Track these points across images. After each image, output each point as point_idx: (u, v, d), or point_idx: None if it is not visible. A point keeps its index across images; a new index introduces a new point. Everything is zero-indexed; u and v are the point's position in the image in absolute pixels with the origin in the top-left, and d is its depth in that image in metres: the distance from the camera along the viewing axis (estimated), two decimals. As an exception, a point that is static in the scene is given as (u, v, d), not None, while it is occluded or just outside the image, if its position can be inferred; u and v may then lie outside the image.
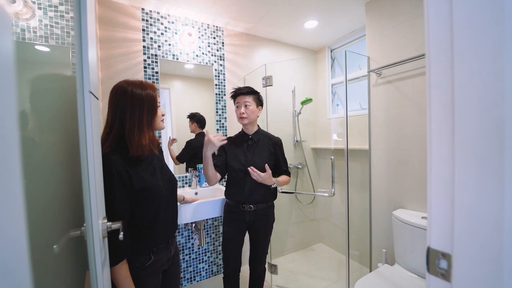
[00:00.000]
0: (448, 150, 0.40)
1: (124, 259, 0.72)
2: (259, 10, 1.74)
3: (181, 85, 1.83)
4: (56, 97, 0.85)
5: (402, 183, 1.50)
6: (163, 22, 1.71)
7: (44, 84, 0.84)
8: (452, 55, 0.38)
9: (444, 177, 0.40)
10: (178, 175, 1.78)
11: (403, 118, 1.49)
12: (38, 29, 1.07)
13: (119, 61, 1.57)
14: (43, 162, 0.68)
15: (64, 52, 1.13)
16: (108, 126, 0.76)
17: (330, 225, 2.41)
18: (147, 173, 0.79)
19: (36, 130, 0.72)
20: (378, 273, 1.32)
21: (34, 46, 1.05)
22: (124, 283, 0.71)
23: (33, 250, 0.53)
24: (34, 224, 0.56)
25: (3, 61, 0.28)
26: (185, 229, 1.79)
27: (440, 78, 0.40)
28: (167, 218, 0.84)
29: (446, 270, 0.41)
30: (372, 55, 1.66)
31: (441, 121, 0.40)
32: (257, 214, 1.30)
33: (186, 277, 1.82)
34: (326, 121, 2.41)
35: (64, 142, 0.76)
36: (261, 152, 1.33)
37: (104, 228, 0.62)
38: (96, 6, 1.46)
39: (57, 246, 0.54)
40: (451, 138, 0.39)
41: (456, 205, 0.39)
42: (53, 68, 1.03)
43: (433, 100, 0.41)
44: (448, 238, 0.40)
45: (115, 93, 0.78)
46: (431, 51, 0.41)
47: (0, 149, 0.26)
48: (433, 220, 0.43)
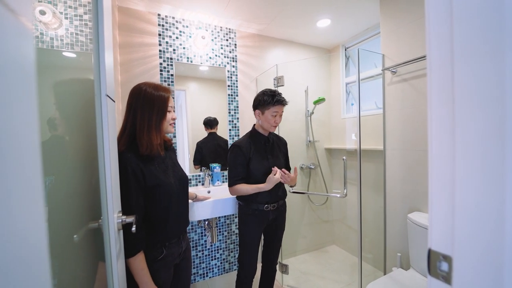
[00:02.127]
0: (448, 151, 0.39)
1: (140, 251, 0.76)
2: (271, 11, 1.75)
3: (196, 87, 1.89)
4: (81, 99, 0.93)
5: (418, 185, 1.45)
6: (178, 26, 1.78)
7: (70, 87, 0.92)
8: (452, 54, 0.37)
9: (444, 178, 0.40)
10: (192, 174, 1.84)
11: (419, 117, 1.43)
12: (64, 37, 1.16)
13: (137, 65, 1.65)
14: (67, 159, 0.75)
15: (87, 58, 1.21)
16: (123, 125, 0.82)
17: (344, 227, 2.37)
18: (159, 171, 0.84)
19: (63, 130, 0.79)
20: (391, 277, 1.28)
21: (61, 53, 1.15)
22: (141, 274, 0.75)
23: (56, 238, 0.58)
24: (58, 215, 0.62)
25: (26, 67, 0.32)
26: (198, 226, 1.85)
27: (441, 77, 0.39)
28: (178, 214, 0.89)
29: (447, 272, 0.40)
30: (387, 53, 1.61)
31: (441, 121, 0.40)
32: (278, 210, 1.34)
33: (199, 273, 1.88)
34: (340, 121, 2.37)
35: (85, 142, 0.82)
36: (278, 153, 1.37)
37: (119, 221, 0.66)
38: (116, 14, 1.55)
39: (77, 236, 0.59)
40: (452, 138, 0.38)
41: (457, 207, 0.38)
42: (78, 73, 1.11)
43: (433, 99, 0.41)
44: (449, 240, 0.40)
45: (132, 94, 0.83)
46: (432, 49, 0.41)
47: (24, 148, 0.30)
48: (433, 222, 0.42)
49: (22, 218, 0.27)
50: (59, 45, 1.16)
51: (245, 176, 1.27)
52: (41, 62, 0.88)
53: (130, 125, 0.81)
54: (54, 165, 0.66)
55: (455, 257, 0.39)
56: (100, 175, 0.60)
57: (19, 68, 0.29)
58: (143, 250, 0.78)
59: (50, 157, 0.66)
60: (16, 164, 0.28)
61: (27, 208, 0.29)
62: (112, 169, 0.64)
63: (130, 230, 0.69)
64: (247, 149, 1.27)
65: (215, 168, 1.85)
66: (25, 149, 0.29)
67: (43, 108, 0.70)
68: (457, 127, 0.38)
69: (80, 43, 1.21)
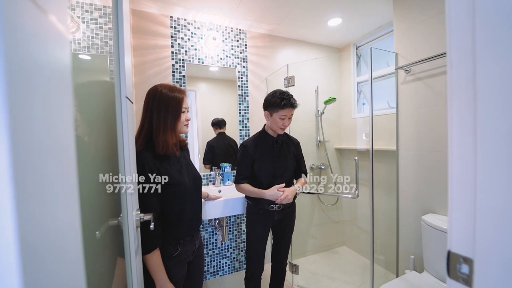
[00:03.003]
0: (470, 152, 0.38)
1: (156, 248, 0.79)
2: (282, 11, 1.75)
3: (206, 87, 1.92)
4: (96, 100, 0.96)
5: (433, 186, 1.41)
6: (190, 28, 1.81)
7: (87, 89, 0.95)
8: (474, 50, 0.37)
9: (465, 179, 0.39)
10: (203, 173, 1.87)
11: (434, 117, 1.40)
12: (81, 40, 1.21)
13: (150, 66, 1.69)
14: (88, 159, 0.78)
15: (103, 60, 1.25)
16: (140, 126, 0.84)
17: (355, 228, 2.34)
18: (175, 170, 0.86)
19: (83, 130, 0.82)
20: (404, 279, 1.26)
21: (78, 56, 1.19)
22: (157, 270, 0.78)
23: (82, 234, 0.61)
24: (82, 212, 0.64)
25: (63, 71, 0.34)
26: (209, 225, 1.87)
27: (461, 74, 0.39)
28: (192, 212, 0.90)
29: (468, 275, 0.40)
30: (400, 51, 1.58)
31: (462, 121, 0.39)
32: (285, 212, 1.33)
33: (210, 271, 1.90)
34: (351, 121, 2.34)
35: (104, 142, 0.85)
36: (286, 155, 1.33)
37: (137, 218, 0.69)
38: (130, 17, 1.59)
39: (99, 232, 0.61)
40: (473, 138, 0.38)
41: (478, 209, 0.38)
42: (94, 75, 1.15)
43: (453, 98, 0.40)
44: (470, 242, 0.39)
45: (148, 95, 0.86)
46: (452, 45, 0.40)
47: (62, 149, 0.32)
48: (453, 223, 0.42)
49: (59, 214, 0.29)
50: (77, 48, 1.21)
51: (250, 175, 1.29)
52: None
53: (147, 126, 0.83)
54: (78, 165, 0.69)
55: (477, 260, 0.38)
56: (120, 172, 0.62)
57: (57, 70, 0.31)
58: (160, 248, 0.81)
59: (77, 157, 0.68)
60: (56, 161, 0.29)
61: (63, 203, 0.30)
62: (131, 167, 0.66)
63: (147, 228, 0.71)
64: (253, 149, 1.28)
65: (225, 167, 1.87)
66: (63, 146, 0.31)
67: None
68: (479, 127, 0.37)
69: (95, 46, 1.25)
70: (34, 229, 0.24)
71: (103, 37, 1.27)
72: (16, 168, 0.21)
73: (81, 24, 1.26)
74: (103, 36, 1.27)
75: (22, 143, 0.23)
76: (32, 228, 0.24)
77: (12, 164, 0.20)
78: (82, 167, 0.69)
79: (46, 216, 0.27)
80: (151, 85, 0.92)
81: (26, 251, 0.22)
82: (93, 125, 0.86)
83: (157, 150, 0.82)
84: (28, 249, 0.22)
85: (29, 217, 0.23)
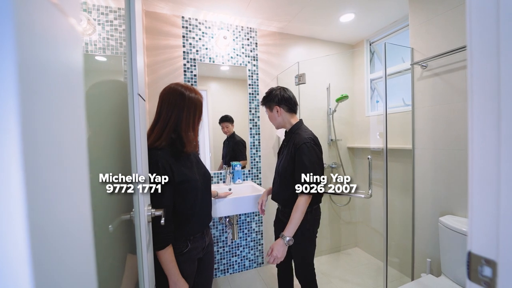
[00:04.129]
0: (493, 149, 0.36)
1: (169, 244, 0.80)
2: (292, 8, 1.73)
3: (217, 86, 1.93)
4: (111, 99, 0.99)
5: (451, 186, 1.35)
6: (201, 27, 1.82)
7: (103, 88, 0.98)
8: (498, 41, 0.34)
9: (488, 178, 0.37)
10: (214, 172, 1.89)
11: (452, 113, 1.33)
12: (97, 42, 1.25)
13: (162, 66, 1.73)
14: (102, 155, 0.80)
15: (118, 61, 1.29)
16: (154, 123, 0.86)
17: (368, 229, 2.28)
18: (186, 167, 0.87)
19: (98, 128, 0.85)
20: (419, 283, 1.21)
21: (95, 57, 1.23)
22: (170, 266, 0.79)
23: (95, 227, 0.63)
24: (95, 207, 0.66)
25: (76, 70, 0.35)
26: (220, 223, 1.88)
27: (484, 68, 0.36)
28: (203, 209, 0.91)
29: (491, 278, 0.37)
30: (416, 46, 1.52)
31: (484, 116, 0.37)
32: (286, 214, 1.19)
33: (220, 268, 1.92)
34: (364, 119, 2.28)
35: (118, 138, 0.87)
36: (284, 156, 1.22)
37: (149, 214, 0.70)
38: (143, 18, 1.63)
39: (112, 226, 0.63)
40: (497, 135, 0.35)
41: (502, 207, 0.35)
42: (109, 75, 1.19)
43: (475, 92, 0.38)
44: (494, 243, 0.37)
45: (171, 94, 0.86)
46: (473, 36, 0.38)
47: (76, 145, 0.33)
48: (474, 223, 0.39)
49: (72, 210, 0.30)
50: (93, 50, 1.25)
51: None
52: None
53: (162, 123, 0.84)
54: (92, 161, 0.71)
55: (500, 262, 0.36)
56: (132, 168, 0.64)
57: (70, 71, 0.32)
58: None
59: (89, 153, 0.71)
60: (71, 158, 0.30)
61: (76, 199, 0.31)
62: (143, 162, 0.67)
63: (160, 224, 0.73)
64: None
65: (236, 166, 1.87)
66: (74, 145, 0.32)
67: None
68: (503, 122, 0.35)
69: (111, 47, 1.28)
70: (47, 218, 0.25)
71: (118, 38, 1.30)
72: (31, 164, 0.22)
73: (97, 26, 1.30)
74: (118, 37, 1.30)
75: (38, 139, 0.23)
76: (45, 218, 0.24)
77: (23, 159, 0.21)
78: (95, 164, 0.71)
79: (59, 207, 0.28)
80: (163, 84, 0.93)
81: (37, 238, 0.22)
82: (106, 123, 0.88)
83: (186, 147, 0.85)
84: (39, 237, 0.23)
85: (42, 208, 0.24)
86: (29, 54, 0.23)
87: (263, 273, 1.97)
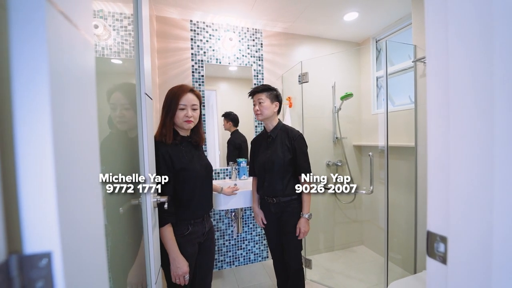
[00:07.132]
0: (443, 138, 0.41)
1: (168, 223, 0.91)
2: (296, 8, 1.78)
3: (225, 86, 2.02)
4: (125, 99, 1.09)
5: (454, 183, 1.35)
6: (208, 30, 1.91)
7: (119, 90, 1.09)
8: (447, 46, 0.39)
9: (440, 164, 0.42)
10: (220, 168, 1.97)
11: (455, 111, 1.33)
12: (113, 46, 1.36)
13: (172, 68, 1.83)
14: (117, 150, 0.90)
15: (131, 64, 1.39)
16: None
17: (374, 227, 2.28)
18: (186, 158, 0.99)
19: (116, 127, 0.95)
20: (418, 277, 1.23)
21: (110, 60, 1.34)
22: (169, 243, 0.91)
23: (108, 209, 0.72)
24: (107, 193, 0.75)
25: (88, 73, 0.43)
26: (226, 217, 1.97)
27: (436, 63, 0.41)
28: (202, 196, 1.02)
29: (444, 253, 0.42)
30: (420, 43, 1.53)
31: (437, 108, 0.41)
32: (281, 206, 1.30)
33: (226, 260, 2.00)
34: (370, 117, 2.28)
35: (129, 134, 0.97)
36: (277, 148, 1.32)
37: (154, 200, 0.79)
38: (154, 23, 1.74)
39: (122, 208, 0.72)
40: (447, 124, 0.40)
41: (451, 189, 0.40)
42: (124, 78, 1.29)
43: (431, 85, 0.42)
44: (445, 221, 0.41)
45: (166, 96, 1.01)
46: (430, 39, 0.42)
47: (88, 143, 0.41)
48: (431, 205, 0.44)
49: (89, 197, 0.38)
50: (109, 54, 1.36)
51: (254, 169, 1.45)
52: (97, 70, 1.06)
53: (161, 119, 0.96)
54: (110, 156, 0.81)
55: (450, 237, 0.40)
56: (140, 158, 0.72)
57: (84, 74, 0.40)
58: (173, 226, 0.93)
59: (109, 149, 0.81)
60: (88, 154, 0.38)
61: (91, 188, 0.39)
62: (149, 154, 0.76)
63: (162, 207, 0.83)
64: (253, 145, 1.47)
65: (241, 162, 1.95)
66: (90, 140, 0.40)
67: (103, 109, 0.84)
68: (451, 114, 0.39)
69: (125, 51, 1.39)
70: (72, 202, 0.33)
71: (131, 43, 1.41)
72: (57, 158, 0.30)
73: (112, 32, 1.41)
74: (131, 42, 1.41)
75: (64, 134, 0.31)
76: (71, 202, 0.32)
77: (54, 153, 0.29)
78: (112, 157, 0.80)
79: (80, 193, 0.36)
80: (173, 85, 1.05)
81: (64, 211, 0.30)
82: (123, 122, 0.98)
83: (166, 139, 0.96)
84: (65, 216, 0.31)
85: (69, 195, 0.32)
86: (56, 62, 0.31)
87: (267, 267, 2.04)
